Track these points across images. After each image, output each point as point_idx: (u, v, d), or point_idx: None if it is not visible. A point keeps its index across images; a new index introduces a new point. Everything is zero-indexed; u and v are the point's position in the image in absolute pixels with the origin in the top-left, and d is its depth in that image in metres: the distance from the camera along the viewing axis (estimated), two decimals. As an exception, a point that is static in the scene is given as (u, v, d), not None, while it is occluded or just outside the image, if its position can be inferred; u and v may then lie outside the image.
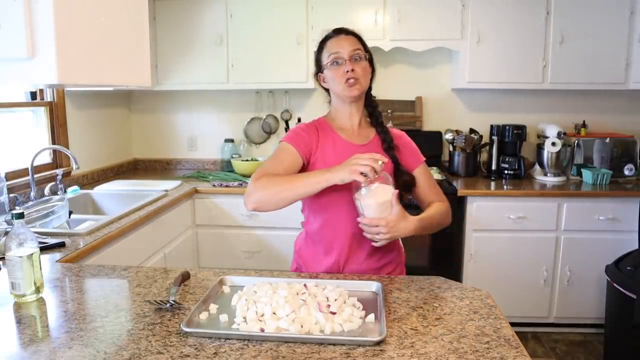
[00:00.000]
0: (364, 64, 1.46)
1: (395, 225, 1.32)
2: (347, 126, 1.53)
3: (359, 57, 1.45)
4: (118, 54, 1.68)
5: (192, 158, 3.69)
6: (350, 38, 1.47)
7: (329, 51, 1.46)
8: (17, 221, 1.25)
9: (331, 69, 1.46)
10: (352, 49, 1.44)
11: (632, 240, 2.70)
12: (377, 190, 1.32)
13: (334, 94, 1.51)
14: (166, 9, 3.20)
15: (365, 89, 1.49)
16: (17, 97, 2.58)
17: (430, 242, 2.88)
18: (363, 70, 1.45)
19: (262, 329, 1.05)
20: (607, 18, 2.97)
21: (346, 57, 1.43)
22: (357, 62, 1.44)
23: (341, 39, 1.47)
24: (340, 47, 1.45)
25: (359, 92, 1.46)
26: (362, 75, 1.45)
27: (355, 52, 1.44)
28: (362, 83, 1.46)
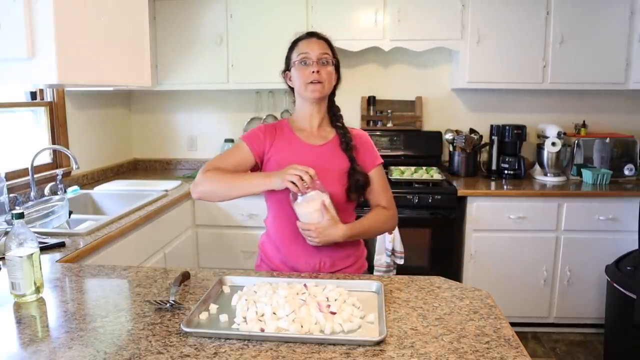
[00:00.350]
0: (330, 68, 1.51)
1: (323, 232, 1.41)
2: (306, 127, 1.57)
3: (326, 61, 1.50)
4: (118, 54, 1.68)
5: (192, 158, 3.69)
6: (320, 42, 1.53)
7: (298, 51, 1.52)
8: (17, 221, 1.25)
9: (298, 67, 1.50)
10: (321, 52, 1.50)
11: (632, 240, 2.70)
12: (311, 198, 1.40)
13: (297, 93, 1.56)
14: (166, 9, 3.20)
15: (328, 92, 1.54)
16: (17, 97, 2.58)
17: (430, 242, 2.88)
18: (328, 74, 1.50)
19: (262, 329, 1.05)
20: (607, 18, 2.97)
21: (314, 58, 1.49)
22: (323, 65, 1.50)
23: (312, 41, 1.52)
24: (310, 49, 1.50)
25: (320, 94, 1.50)
26: (327, 79, 1.50)
27: (323, 56, 1.50)
28: (325, 86, 1.50)
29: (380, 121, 3.46)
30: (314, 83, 1.48)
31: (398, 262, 2.76)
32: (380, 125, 3.46)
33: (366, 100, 3.45)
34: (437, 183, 2.95)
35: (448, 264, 2.89)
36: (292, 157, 1.47)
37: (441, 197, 2.83)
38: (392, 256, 2.75)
